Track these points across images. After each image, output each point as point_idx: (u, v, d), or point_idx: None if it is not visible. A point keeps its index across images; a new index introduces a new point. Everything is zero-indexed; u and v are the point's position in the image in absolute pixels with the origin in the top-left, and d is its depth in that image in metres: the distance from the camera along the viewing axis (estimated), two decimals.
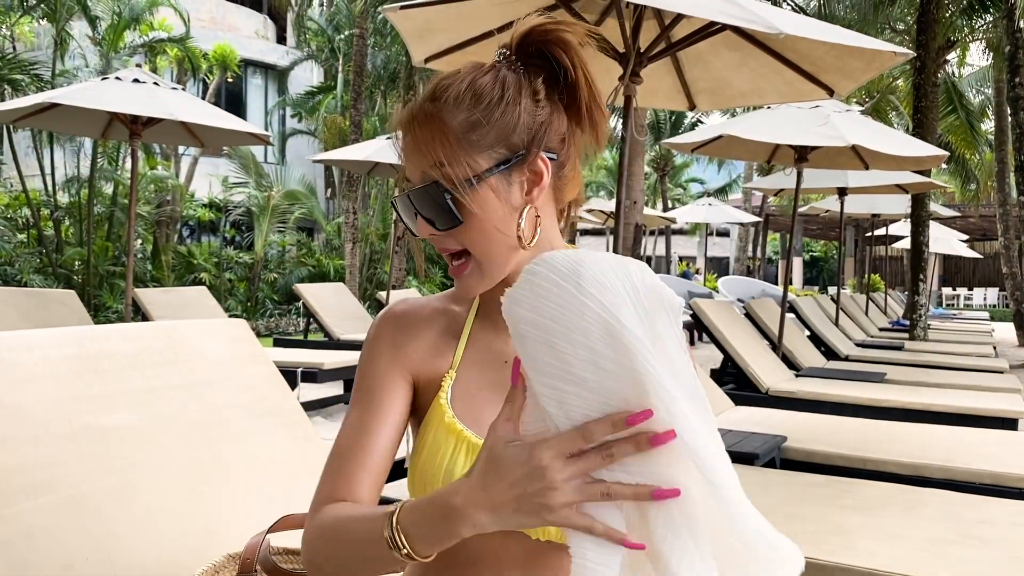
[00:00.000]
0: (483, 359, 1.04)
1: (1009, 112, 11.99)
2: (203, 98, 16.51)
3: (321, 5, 21.49)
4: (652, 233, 29.14)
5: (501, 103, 0.95)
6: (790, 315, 6.92)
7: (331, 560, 0.91)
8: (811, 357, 6.85)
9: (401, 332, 1.05)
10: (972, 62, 21.10)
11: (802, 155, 6.31)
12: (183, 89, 6.38)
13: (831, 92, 3.89)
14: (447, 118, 0.95)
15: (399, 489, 1.89)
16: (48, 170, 13.26)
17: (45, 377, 1.51)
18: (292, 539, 1.23)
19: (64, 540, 1.36)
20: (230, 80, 19.71)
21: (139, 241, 14.50)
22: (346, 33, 19.35)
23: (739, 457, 3.24)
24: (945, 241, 15.79)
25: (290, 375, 5.86)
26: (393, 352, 1.04)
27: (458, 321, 1.07)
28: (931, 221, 10.71)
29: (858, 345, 8.52)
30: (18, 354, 1.50)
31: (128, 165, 13.43)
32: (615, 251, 3.78)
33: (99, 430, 1.52)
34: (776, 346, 6.28)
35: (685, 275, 25.37)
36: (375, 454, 0.97)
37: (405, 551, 0.80)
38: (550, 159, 0.97)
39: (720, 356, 5.90)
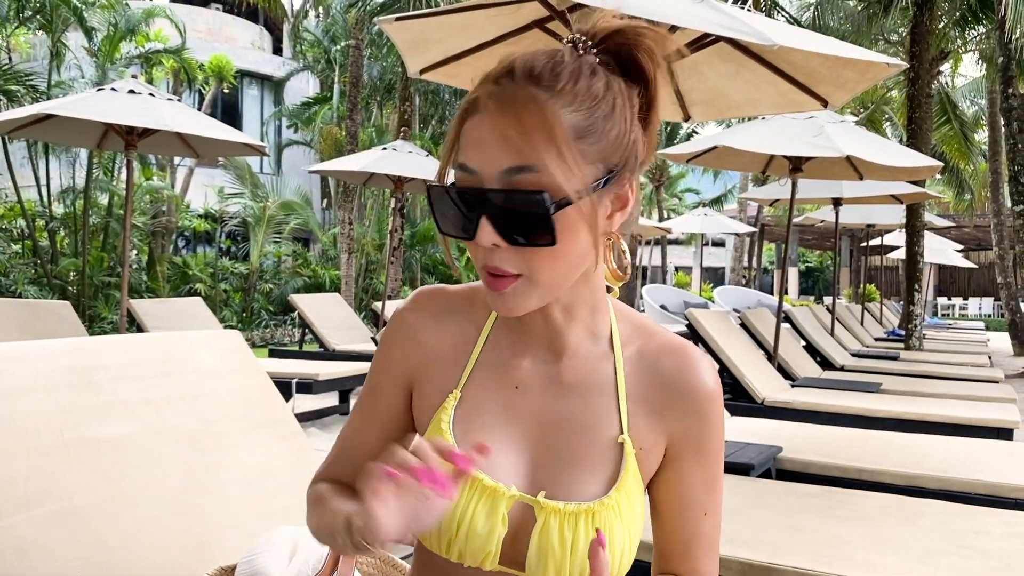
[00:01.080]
0: (493, 380, 0.95)
1: (1002, 123, 12.07)
2: (199, 109, 16.51)
3: (317, 16, 21.56)
4: (648, 243, 29.18)
5: (613, 113, 0.82)
6: (785, 325, 6.93)
7: (312, 526, 0.98)
8: (807, 367, 6.85)
9: (404, 334, 0.99)
10: (965, 73, 21.23)
11: (797, 165, 6.32)
12: (179, 100, 6.38)
13: (825, 103, 3.90)
14: (557, 113, 0.79)
15: None
16: (43, 181, 13.24)
17: (38, 388, 1.50)
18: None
19: (56, 552, 1.36)
20: (226, 91, 19.73)
21: (134, 252, 14.48)
22: (342, 44, 19.40)
23: (735, 468, 3.23)
24: (940, 251, 15.82)
25: (285, 386, 5.84)
26: (395, 356, 1.00)
27: (476, 326, 0.98)
28: (926, 231, 10.73)
29: (854, 355, 8.52)
30: (11, 365, 1.49)
31: (123, 176, 13.42)
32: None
33: (92, 442, 1.51)
34: (772, 356, 6.28)
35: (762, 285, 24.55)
36: (368, 456, 0.94)
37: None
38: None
39: (715, 366, 5.89)
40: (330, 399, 7.11)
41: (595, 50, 0.84)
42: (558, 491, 0.90)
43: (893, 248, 16.20)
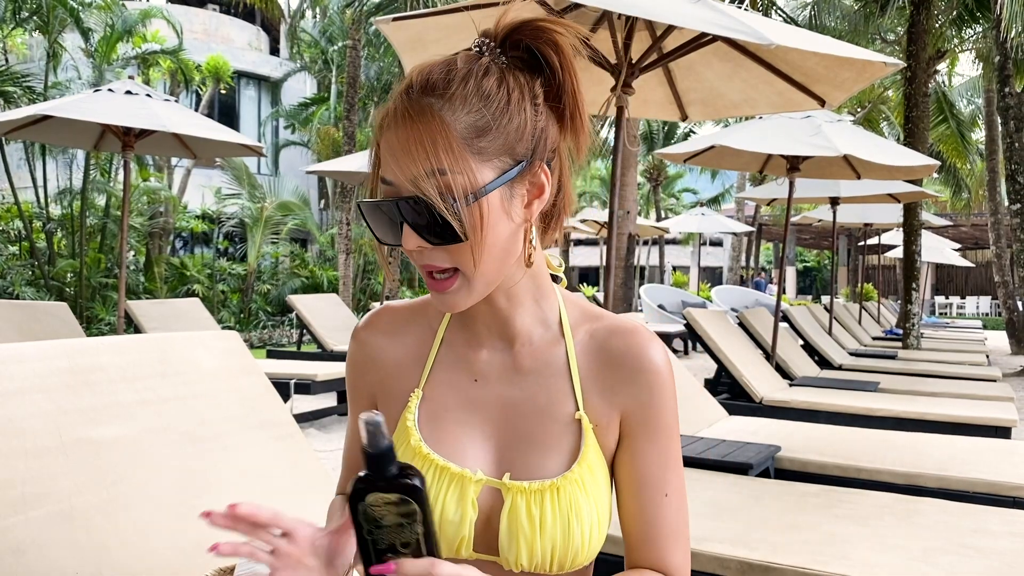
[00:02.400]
0: (452, 377, 1.00)
1: (999, 121, 12.09)
2: (196, 110, 16.52)
3: (314, 17, 21.56)
4: (645, 243, 29.18)
5: (508, 107, 0.86)
6: (784, 324, 6.93)
7: None
8: (805, 366, 6.86)
9: (363, 354, 1.05)
10: (962, 72, 21.27)
11: (794, 165, 6.33)
12: (176, 101, 6.38)
13: (822, 102, 3.90)
14: (450, 119, 0.83)
15: None
16: (40, 182, 13.23)
17: (35, 390, 1.50)
18: None
19: (54, 554, 1.35)
20: (223, 92, 19.73)
21: (132, 253, 14.46)
22: (339, 44, 19.41)
23: (733, 467, 3.24)
24: (937, 250, 15.83)
25: (283, 387, 5.84)
26: (356, 379, 1.06)
27: (431, 330, 1.03)
28: (923, 230, 10.74)
29: (851, 354, 8.53)
30: (8, 367, 1.49)
31: (121, 177, 13.39)
32: (608, 261, 3.78)
33: (90, 443, 1.51)
34: (770, 355, 6.28)
35: (758, 285, 24.51)
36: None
37: None
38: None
39: (714, 366, 5.90)
40: (328, 400, 7.11)
41: (499, 49, 0.88)
42: (523, 472, 0.94)
43: (891, 247, 16.23)
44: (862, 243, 14.01)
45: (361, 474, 0.75)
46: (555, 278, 1.03)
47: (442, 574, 0.74)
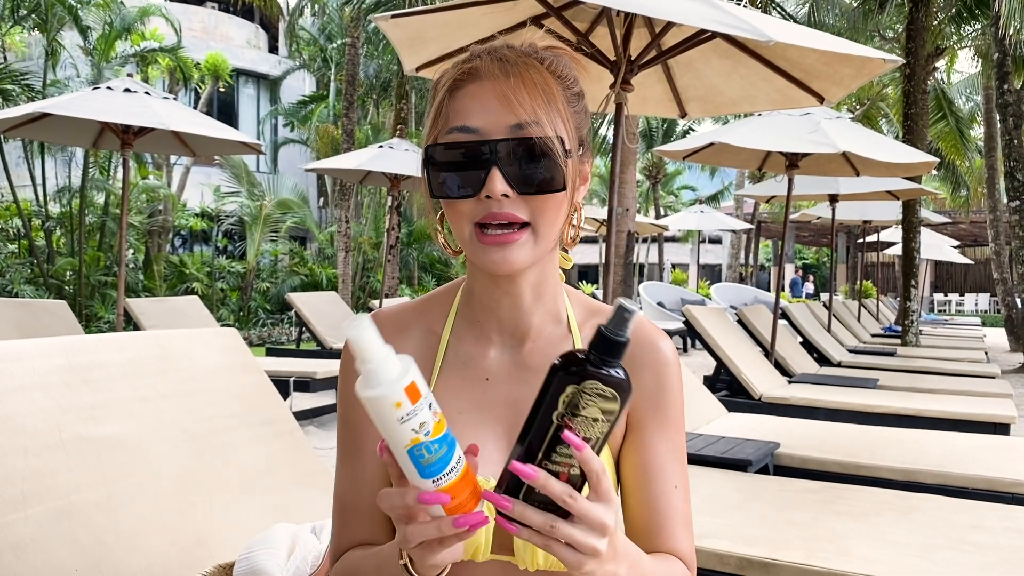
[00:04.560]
0: (462, 377, 0.98)
1: (998, 118, 12.08)
2: (195, 108, 16.50)
3: (313, 15, 21.53)
4: (645, 240, 29.18)
5: (583, 97, 0.92)
6: (782, 322, 6.93)
7: None
8: (804, 363, 6.86)
9: None
10: (961, 69, 21.28)
11: (793, 162, 6.33)
12: (175, 99, 6.37)
13: (821, 99, 3.90)
14: (555, 81, 0.88)
15: None
16: (39, 180, 13.22)
17: (34, 387, 1.50)
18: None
19: (54, 551, 1.35)
20: (222, 90, 19.72)
21: (131, 251, 14.46)
22: (338, 42, 19.39)
23: (732, 464, 3.24)
24: (936, 247, 15.83)
25: (283, 384, 5.84)
26: None
27: (435, 333, 1.00)
28: (922, 227, 10.75)
29: (850, 351, 8.53)
30: (7, 364, 1.49)
31: (119, 175, 13.38)
32: (608, 258, 3.78)
33: (89, 440, 1.51)
34: (769, 353, 6.29)
35: (794, 284, 24.21)
36: (374, 503, 0.95)
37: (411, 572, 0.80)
38: None
39: (713, 363, 5.90)
40: (328, 397, 7.10)
41: None
42: None
43: (889, 244, 16.23)
44: (861, 240, 14.02)
45: (584, 355, 0.70)
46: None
47: (607, 487, 0.72)
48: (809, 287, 25.92)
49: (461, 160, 0.85)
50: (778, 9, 13.42)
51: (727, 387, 5.58)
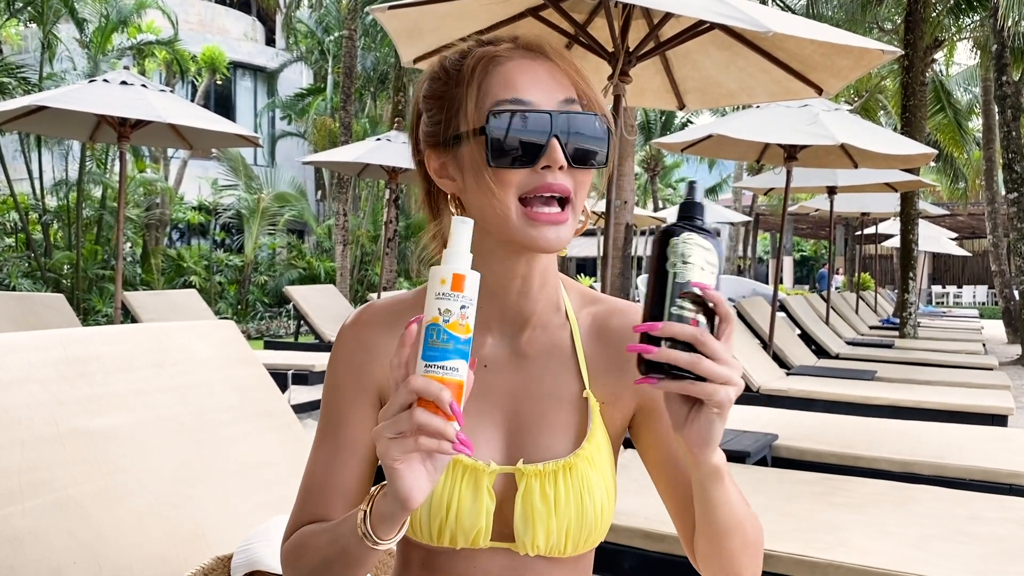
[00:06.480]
0: None
1: (996, 110, 12.08)
2: (192, 101, 16.46)
3: (310, 7, 21.45)
4: (643, 233, 29.13)
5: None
6: (781, 314, 6.93)
7: (310, 564, 0.90)
8: (802, 356, 6.87)
9: (362, 350, 0.97)
10: (959, 61, 21.25)
11: (791, 154, 6.32)
12: (171, 91, 6.35)
13: (820, 91, 3.89)
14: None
15: None
16: (36, 174, 13.20)
17: (31, 380, 1.49)
18: None
19: (51, 544, 1.35)
20: (219, 82, 19.66)
21: (128, 244, 14.44)
22: (335, 35, 19.33)
23: (730, 455, 3.24)
24: (934, 239, 15.85)
25: (281, 377, 5.83)
26: (356, 377, 0.97)
27: None
28: (920, 219, 10.74)
29: (848, 343, 8.54)
30: (3, 357, 1.48)
31: (116, 168, 13.38)
32: (606, 251, 3.78)
33: (86, 433, 1.51)
34: (767, 345, 6.29)
35: (822, 277, 23.31)
36: (347, 491, 0.94)
37: (371, 538, 0.79)
38: None
39: None
40: None
41: None
42: (534, 455, 0.94)
43: (888, 236, 16.23)
44: (859, 232, 14.01)
45: (674, 221, 0.78)
46: None
47: (731, 331, 0.77)
48: (838, 279, 25.05)
49: (521, 129, 0.86)
50: (776, 0, 13.40)
51: None
